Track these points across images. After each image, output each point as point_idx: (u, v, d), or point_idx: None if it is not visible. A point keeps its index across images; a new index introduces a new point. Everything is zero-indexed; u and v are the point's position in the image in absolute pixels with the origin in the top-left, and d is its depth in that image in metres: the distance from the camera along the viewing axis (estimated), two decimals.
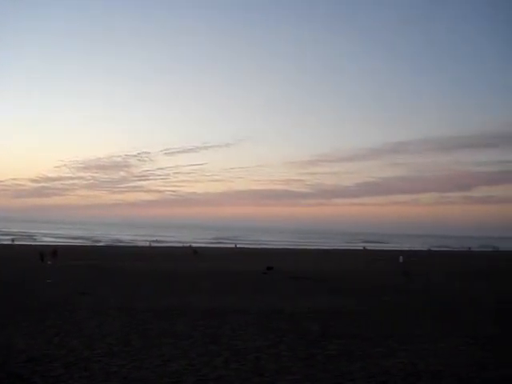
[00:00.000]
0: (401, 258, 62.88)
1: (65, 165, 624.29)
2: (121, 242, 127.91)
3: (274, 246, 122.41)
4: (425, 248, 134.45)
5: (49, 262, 48.93)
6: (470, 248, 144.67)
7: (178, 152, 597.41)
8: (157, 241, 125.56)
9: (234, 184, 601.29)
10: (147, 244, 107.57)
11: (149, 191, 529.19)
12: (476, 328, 18.04)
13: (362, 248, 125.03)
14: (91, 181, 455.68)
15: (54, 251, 54.55)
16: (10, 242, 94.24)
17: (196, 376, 11.20)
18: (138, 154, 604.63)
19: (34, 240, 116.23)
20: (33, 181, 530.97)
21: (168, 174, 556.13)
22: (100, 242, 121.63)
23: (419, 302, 25.69)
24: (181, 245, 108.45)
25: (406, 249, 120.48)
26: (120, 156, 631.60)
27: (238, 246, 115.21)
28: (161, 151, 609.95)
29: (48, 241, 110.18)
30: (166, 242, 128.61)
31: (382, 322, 19.17)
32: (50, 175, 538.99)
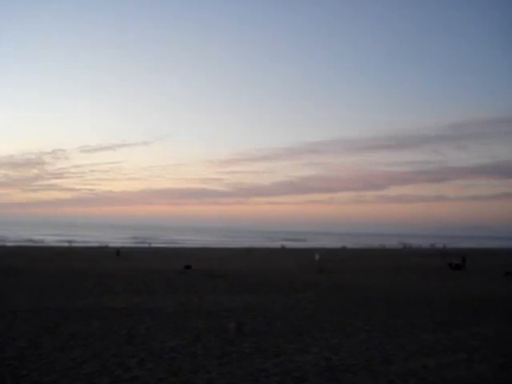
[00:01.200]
0: (316, 256, 64.02)
1: None
2: (33, 241, 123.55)
3: (193, 245, 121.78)
4: (340, 245, 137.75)
5: None
6: (383, 245, 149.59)
7: (95, 150, 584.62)
8: (73, 241, 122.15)
9: (152, 183, 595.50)
10: (64, 244, 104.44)
11: (64, 189, 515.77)
12: (387, 322, 18.67)
13: (280, 246, 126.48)
14: (3, 178, 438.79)
15: None
16: None
17: (110, 377, 11.02)
18: (53, 151, 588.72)
19: None
20: None
21: (84, 172, 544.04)
22: (10, 241, 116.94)
23: (333, 298, 26.27)
24: (97, 244, 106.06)
25: (323, 246, 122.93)
26: (33, 153, 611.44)
27: (154, 245, 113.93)
28: (77, 148, 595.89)
29: None
30: (83, 241, 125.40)
31: (296, 318, 19.48)
32: None
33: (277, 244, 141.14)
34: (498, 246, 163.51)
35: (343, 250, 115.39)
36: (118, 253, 71.19)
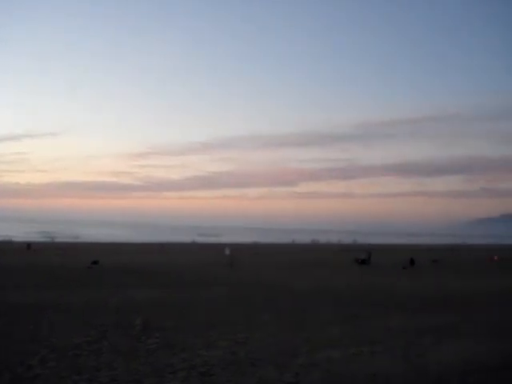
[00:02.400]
0: (227, 251, 64.22)
1: None
2: None
3: (102, 240, 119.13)
4: (252, 241, 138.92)
5: None
6: (293, 240, 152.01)
7: None
8: None
9: (61, 175, 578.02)
10: None
11: None
12: (295, 316, 18.99)
13: (191, 241, 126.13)
14: None
15: None
16: None
17: (10, 375, 10.60)
18: None
19: None
20: None
21: None
22: None
23: (243, 292, 26.45)
24: (1, 239, 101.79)
25: (234, 242, 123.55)
26: None
27: (61, 239, 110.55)
28: None
29: None
30: None
31: (205, 313, 19.46)
32: None
33: (188, 239, 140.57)
34: (402, 242, 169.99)
35: (255, 245, 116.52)
36: (29, 247, 68.71)
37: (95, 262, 44.56)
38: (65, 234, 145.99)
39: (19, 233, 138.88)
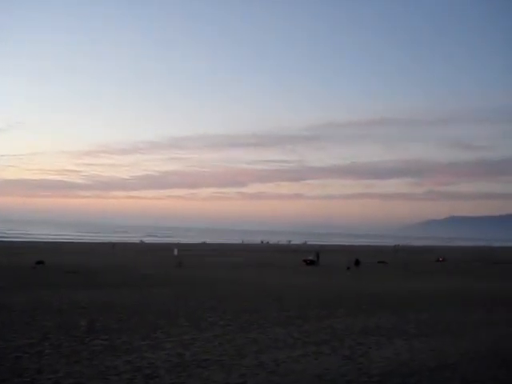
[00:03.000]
0: (175, 251, 63.96)
1: None
2: None
3: (47, 240, 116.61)
4: (201, 241, 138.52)
5: None
6: (243, 241, 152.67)
7: None
8: None
9: (4, 173, 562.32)
10: None
11: None
12: (242, 317, 18.98)
13: (139, 241, 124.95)
14: None
15: None
16: None
17: None
18: None
19: None
20: None
21: None
22: None
23: (190, 293, 26.31)
24: None
25: (183, 242, 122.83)
26: None
27: (2, 239, 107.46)
28: None
29: None
30: None
31: (151, 314, 19.25)
32: None
33: (136, 239, 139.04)
34: (351, 243, 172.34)
35: (203, 245, 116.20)
36: None
37: (40, 262, 43.62)
38: (9, 233, 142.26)
39: None
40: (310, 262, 57.05)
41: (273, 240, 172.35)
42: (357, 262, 54.38)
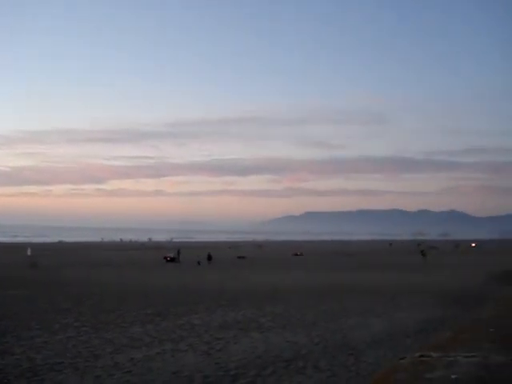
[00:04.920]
0: (29, 251, 61.15)
1: None
2: None
3: None
4: (56, 240, 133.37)
5: None
6: (102, 239, 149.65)
7: None
8: None
9: None
10: None
11: None
12: (98, 317, 18.52)
13: None
14: None
15: None
16: None
17: None
18: None
19: None
20: None
21: None
22: None
23: (44, 294, 25.26)
24: None
25: (37, 241, 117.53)
26: None
27: None
28: None
29: None
30: None
31: (0, 318, 18.27)
32: None
33: None
34: (212, 239, 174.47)
35: (60, 244, 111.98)
36: None
37: None
38: None
39: None
40: (171, 259, 56.93)
41: (134, 237, 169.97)
42: (209, 257, 54.86)
